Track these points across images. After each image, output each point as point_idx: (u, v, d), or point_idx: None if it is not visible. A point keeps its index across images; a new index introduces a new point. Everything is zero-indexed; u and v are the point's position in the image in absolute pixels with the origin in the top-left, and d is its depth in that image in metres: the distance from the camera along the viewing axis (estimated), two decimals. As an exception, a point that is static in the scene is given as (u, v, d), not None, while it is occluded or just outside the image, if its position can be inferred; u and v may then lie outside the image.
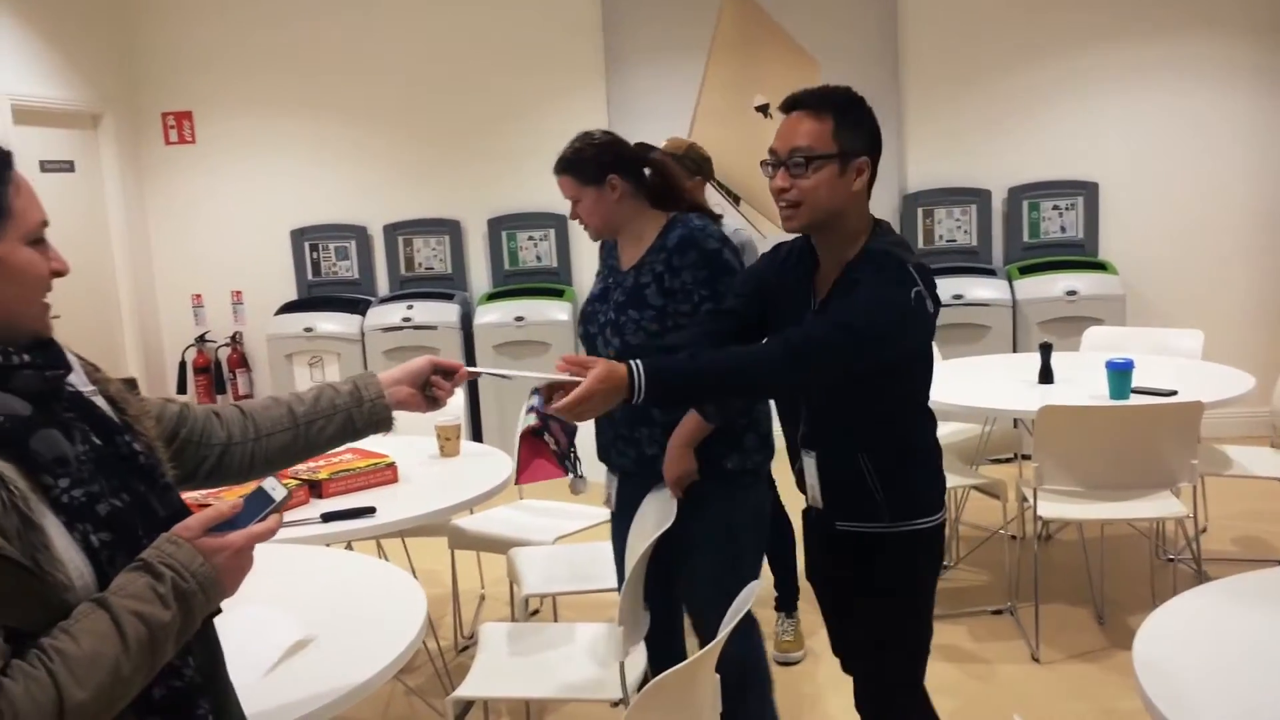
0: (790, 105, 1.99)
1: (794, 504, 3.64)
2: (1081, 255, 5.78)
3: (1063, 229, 5.83)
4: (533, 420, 1.90)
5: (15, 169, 1.25)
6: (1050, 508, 3.47)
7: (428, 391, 1.71)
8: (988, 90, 5.91)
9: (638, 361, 1.84)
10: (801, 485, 2.22)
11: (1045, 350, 3.84)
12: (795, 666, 3.50)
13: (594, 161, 2.53)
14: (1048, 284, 5.57)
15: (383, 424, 1.66)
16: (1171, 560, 4.14)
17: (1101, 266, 5.66)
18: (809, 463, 2.14)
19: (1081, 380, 3.79)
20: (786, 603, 3.66)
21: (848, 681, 2.28)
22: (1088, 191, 5.80)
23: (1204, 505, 4.40)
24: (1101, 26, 5.76)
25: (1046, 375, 3.80)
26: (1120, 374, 3.49)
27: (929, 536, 2.08)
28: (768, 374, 1.91)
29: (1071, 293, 5.52)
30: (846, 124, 1.95)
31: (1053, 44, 5.81)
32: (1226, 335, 5.85)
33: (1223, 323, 5.86)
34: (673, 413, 2.42)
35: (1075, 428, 3.33)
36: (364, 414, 1.64)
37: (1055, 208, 5.83)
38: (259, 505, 1.27)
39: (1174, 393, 3.53)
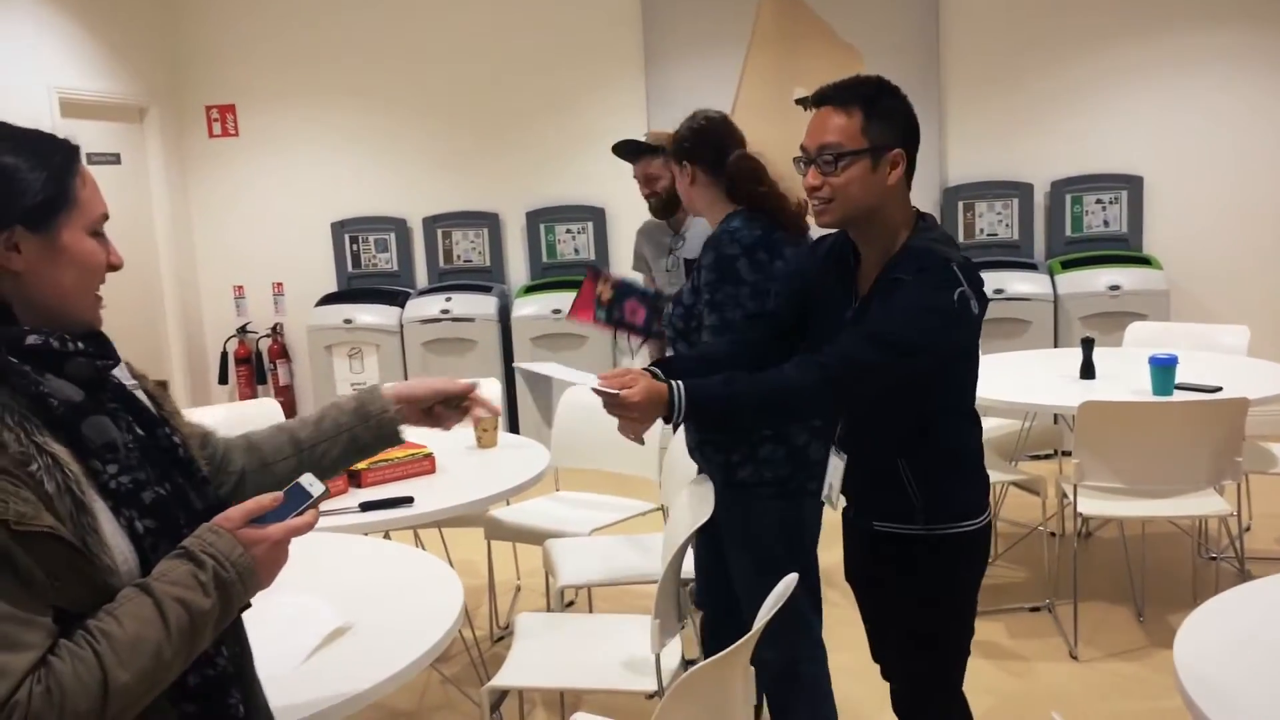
0: (818, 100, 1.94)
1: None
2: (1125, 250, 5.69)
3: (1105, 223, 5.75)
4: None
5: (81, 161, 1.29)
6: (1091, 504, 3.43)
7: (432, 416, 1.65)
8: (1029, 83, 5.83)
9: (679, 383, 1.85)
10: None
11: (1087, 345, 3.79)
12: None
13: (683, 141, 2.60)
14: (1090, 279, 5.50)
15: (390, 439, 1.61)
16: (1214, 559, 4.08)
17: (1145, 261, 5.57)
18: (837, 464, 2.10)
19: (1124, 376, 3.74)
20: None
21: (885, 691, 2.26)
22: (1131, 185, 5.72)
23: (1248, 503, 4.32)
24: (1143, 20, 5.67)
25: (1088, 371, 3.76)
26: (1164, 370, 3.45)
27: (971, 540, 2.02)
28: (805, 403, 1.91)
29: (1114, 288, 5.45)
30: (876, 116, 1.89)
31: (1094, 38, 5.73)
32: (1273, 331, 5.74)
33: (1269, 319, 5.75)
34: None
35: (1117, 424, 3.29)
36: (370, 430, 1.59)
37: (1098, 201, 5.75)
38: (297, 500, 1.29)
39: (1218, 389, 3.48)
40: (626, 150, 3.56)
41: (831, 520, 2.37)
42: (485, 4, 6.15)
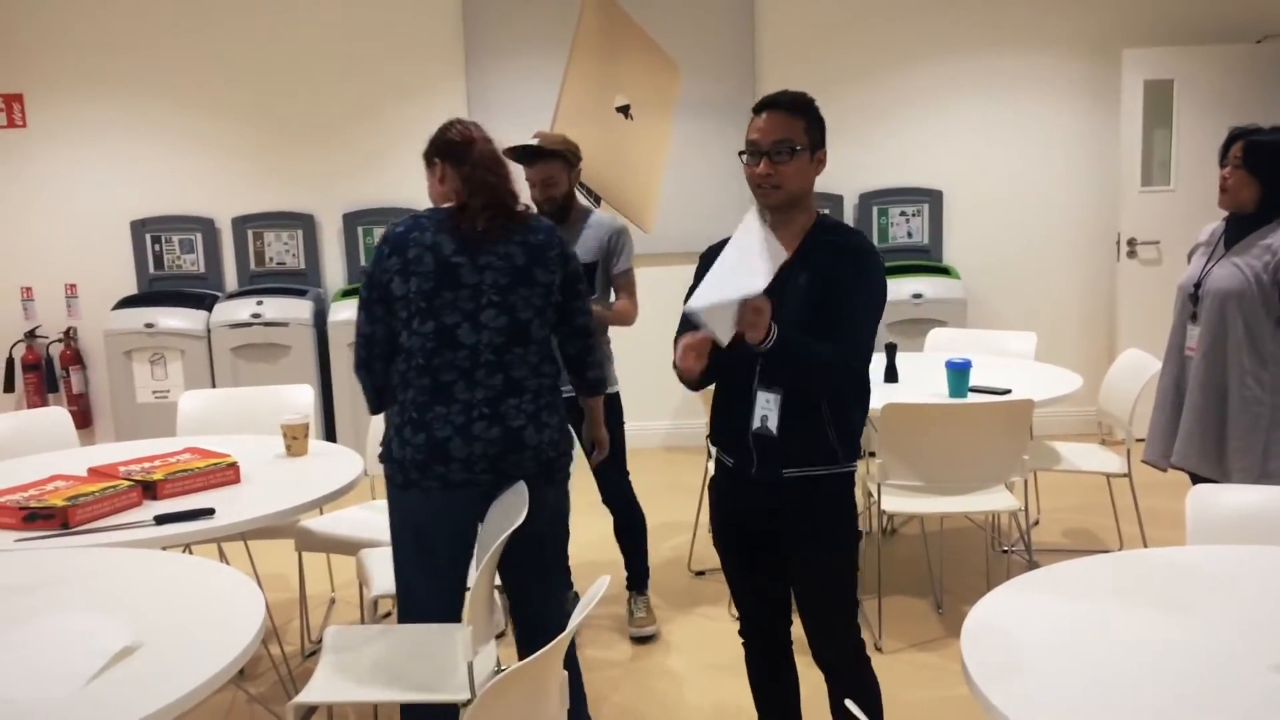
0: (767, 106, 2.36)
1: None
2: (927, 260, 6.00)
3: (909, 234, 6.04)
4: None
5: None
6: (893, 502, 3.59)
7: None
8: (840, 99, 6.08)
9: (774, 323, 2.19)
10: (733, 434, 2.38)
11: (890, 350, 3.97)
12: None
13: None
14: (895, 287, 5.77)
15: None
16: (1006, 552, 4.34)
17: (945, 271, 5.89)
18: (771, 398, 2.32)
19: (924, 380, 3.94)
20: (638, 582, 3.83)
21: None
22: (932, 199, 6.03)
23: (1036, 499, 4.62)
24: (946, 41, 6.00)
25: (892, 374, 3.94)
26: (959, 373, 3.65)
27: (853, 475, 2.40)
28: (840, 376, 2.25)
29: (917, 296, 5.73)
30: (812, 123, 2.37)
31: (901, 56, 6.02)
32: (1058, 338, 6.18)
33: (1054, 326, 6.18)
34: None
35: (916, 424, 3.45)
36: None
37: (902, 214, 6.04)
38: None
39: (1008, 391, 3.71)
40: (524, 155, 3.51)
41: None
42: (302, 1, 5.97)
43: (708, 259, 2.44)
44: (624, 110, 6.08)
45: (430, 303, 2.49)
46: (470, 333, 2.50)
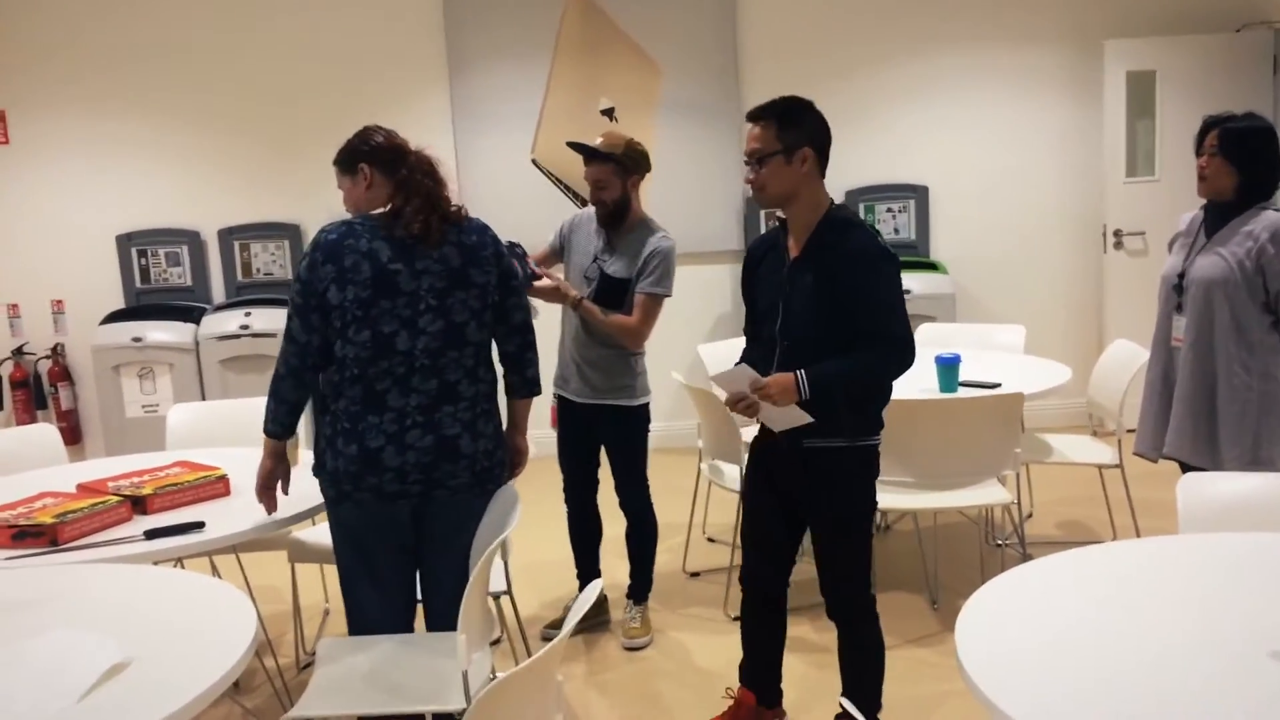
0: (749, 117, 2.62)
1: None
2: (914, 255, 6.01)
3: (896, 230, 6.05)
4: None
5: None
6: (886, 499, 3.58)
7: None
8: (824, 97, 6.08)
9: (800, 371, 2.51)
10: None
11: (880, 347, 3.97)
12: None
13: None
14: (883, 284, 5.76)
15: None
16: (1000, 545, 4.35)
17: (933, 266, 5.90)
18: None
19: (915, 375, 3.94)
20: (639, 593, 3.77)
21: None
22: (918, 194, 6.04)
23: (1029, 492, 4.62)
24: (928, 37, 6.01)
25: (881, 371, 3.93)
26: (948, 368, 3.65)
27: (875, 450, 2.69)
28: (887, 371, 2.57)
29: (905, 292, 5.72)
30: (786, 124, 2.56)
31: (883, 52, 6.03)
32: (1046, 330, 6.19)
33: (1043, 318, 6.19)
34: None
35: (908, 420, 3.45)
36: None
37: (889, 210, 6.05)
38: None
39: (998, 385, 3.71)
40: (580, 151, 3.48)
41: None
42: (283, 11, 5.95)
43: (754, 254, 2.78)
44: (608, 113, 6.08)
45: (367, 311, 2.45)
46: (407, 339, 2.47)
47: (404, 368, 2.47)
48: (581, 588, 3.83)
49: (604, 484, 3.73)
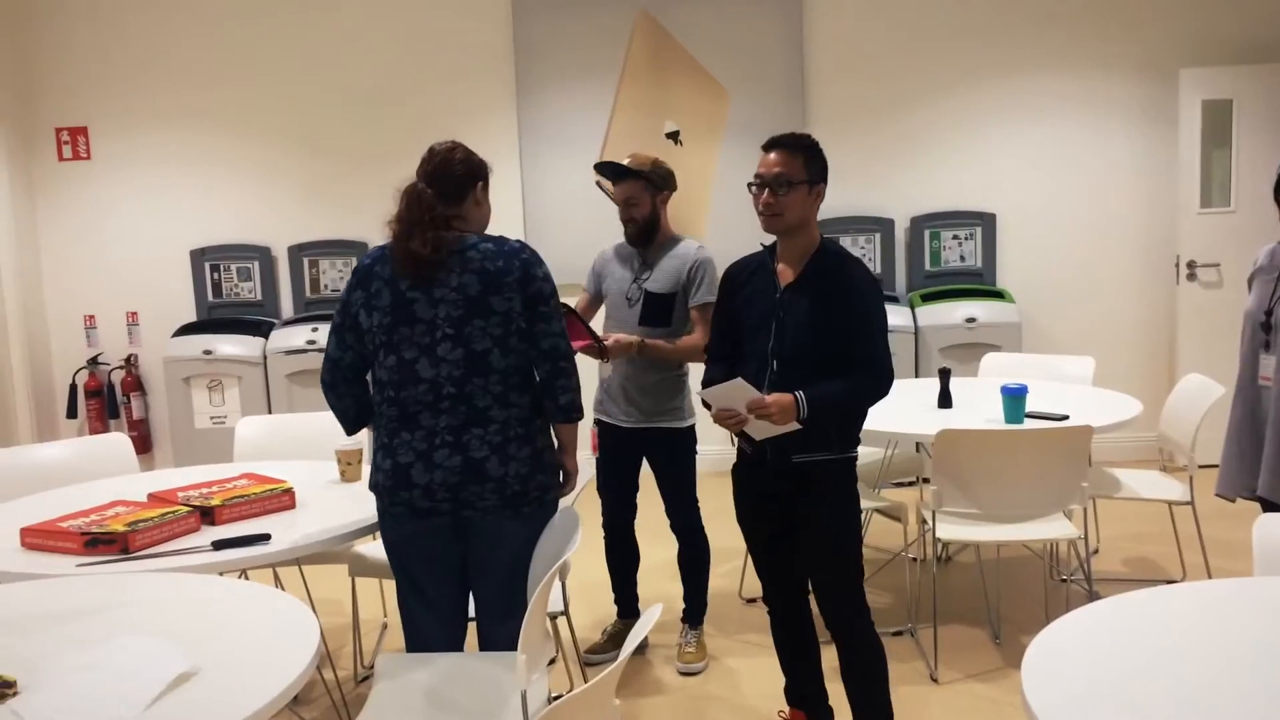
0: (773, 145, 2.70)
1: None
2: (980, 284, 5.93)
3: (962, 258, 5.99)
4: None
5: None
6: (948, 530, 3.54)
7: None
8: (891, 123, 6.05)
9: (800, 392, 2.60)
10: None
11: (944, 375, 3.93)
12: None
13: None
14: (948, 311, 5.71)
15: None
16: (1065, 581, 4.26)
17: (999, 295, 5.82)
18: None
19: (979, 405, 3.88)
20: (694, 616, 3.75)
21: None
22: (985, 222, 5.97)
23: (1095, 527, 4.52)
24: (998, 64, 5.96)
25: (945, 400, 3.89)
26: (1014, 399, 3.59)
27: (854, 462, 2.79)
28: (874, 394, 2.67)
29: (970, 320, 5.67)
30: (812, 160, 2.69)
31: (952, 79, 5.99)
32: (1116, 362, 6.07)
33: (1112, 350, 6.07)
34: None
35: (971, 451, 3.40)
36: None
37: (955, 237, 5.98)
38: None
39: (1065, 417, 3.64)
40: (607, 171, 3.53)
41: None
42: (356, 30, 6.07)
43: (731, 277, 2.85)
44: (674, 136, 6.11)
45: (390, 337, 2.52)
46: (429, 367, 2.50)
47: (431, 395, 2.51)
48: (620, 614, 3.84)
49: (641, 510, 3.73)
